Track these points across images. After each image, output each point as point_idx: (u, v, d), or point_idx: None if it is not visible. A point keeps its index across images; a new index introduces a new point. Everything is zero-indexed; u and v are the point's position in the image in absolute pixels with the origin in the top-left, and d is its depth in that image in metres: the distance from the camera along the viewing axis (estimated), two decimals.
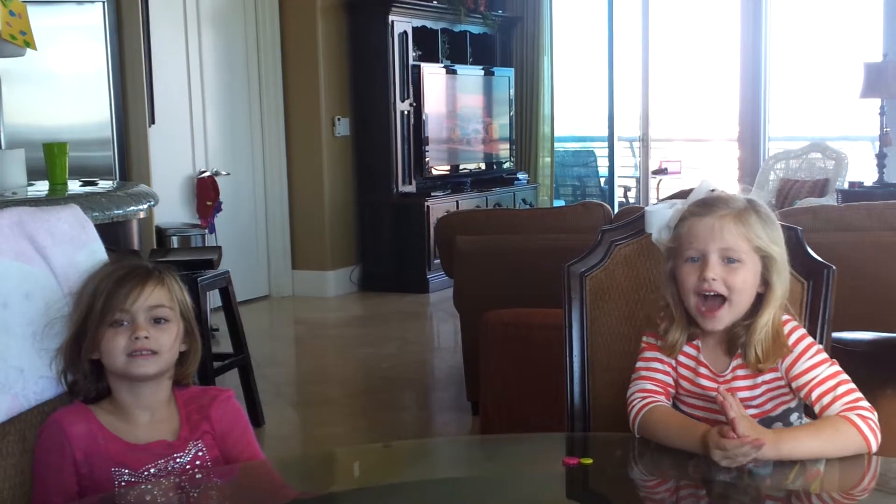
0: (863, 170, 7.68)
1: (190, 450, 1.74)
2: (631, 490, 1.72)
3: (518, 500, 1.60)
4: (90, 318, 1.69)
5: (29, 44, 3.97)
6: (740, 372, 1.80)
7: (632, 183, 9.69)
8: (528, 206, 8.19)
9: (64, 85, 5.38)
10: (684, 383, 1.85)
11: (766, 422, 1.78)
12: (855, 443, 1.67)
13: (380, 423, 4.39)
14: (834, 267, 1.95)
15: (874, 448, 1.68)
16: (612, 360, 2.07)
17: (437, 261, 6.54)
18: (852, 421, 1.68)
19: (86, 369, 1.71)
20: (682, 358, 1.85)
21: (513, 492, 1.64)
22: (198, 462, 1.74)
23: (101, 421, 1.71)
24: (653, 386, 1.84)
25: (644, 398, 1.82)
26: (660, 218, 1.83)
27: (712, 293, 1.75)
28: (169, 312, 1.71)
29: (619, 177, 9.45)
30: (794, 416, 1.83)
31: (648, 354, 1.88)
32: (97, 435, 1.70)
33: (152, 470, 1.70)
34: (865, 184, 6.99)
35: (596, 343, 2.08)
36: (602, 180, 9.78)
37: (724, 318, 1.76)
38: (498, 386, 3.50)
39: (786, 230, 1.97)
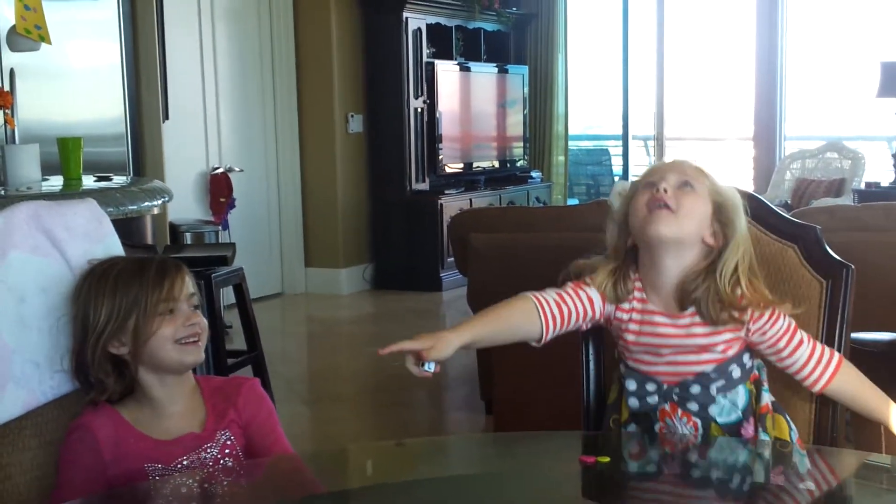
0: (879, 170, 7.64)
1: (218, 439, 1.74)
2: (648, 489, 1.70)
3: (534, 498, 1.59)
4: (133, 310, 1.67)
5: (44, 38, 3.98)
6: (698, 319, 1.78)
7: None
8: (541, 205, 8.17)
9: (78, 80, 5.37)
10: (631, 337, 1.82)
11: (723, 366, 1.78)
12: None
13: (392, 421, 4.39)
14: (853, 266, 1.93)
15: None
16: None
17: (451, 259, 6.54)
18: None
19: (108, 368, 1.70)
20: (623, 314, 1.83)
21: (528, 490, 1.63)
22: (227, 451, 1.74)
23: (128, 419, 1.72)
24: (553, 295, 1.83)
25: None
26: (621, 187, 1.88)
27: (661, 203, 1.74)
28: (198, 300, 1.74)
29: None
30: (745, 357, 1.83)
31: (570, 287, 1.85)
32: (125, 435, 1.70)
33: (185, 462, 1.70)
34: (882, 184, 6.96)
35: (612, 340, 2.06)
36: (616, 179, 9.75)
37: (668, 224, 1.73)
38: (512, 384, 3.48)
39: (804, 229, 1.96)
